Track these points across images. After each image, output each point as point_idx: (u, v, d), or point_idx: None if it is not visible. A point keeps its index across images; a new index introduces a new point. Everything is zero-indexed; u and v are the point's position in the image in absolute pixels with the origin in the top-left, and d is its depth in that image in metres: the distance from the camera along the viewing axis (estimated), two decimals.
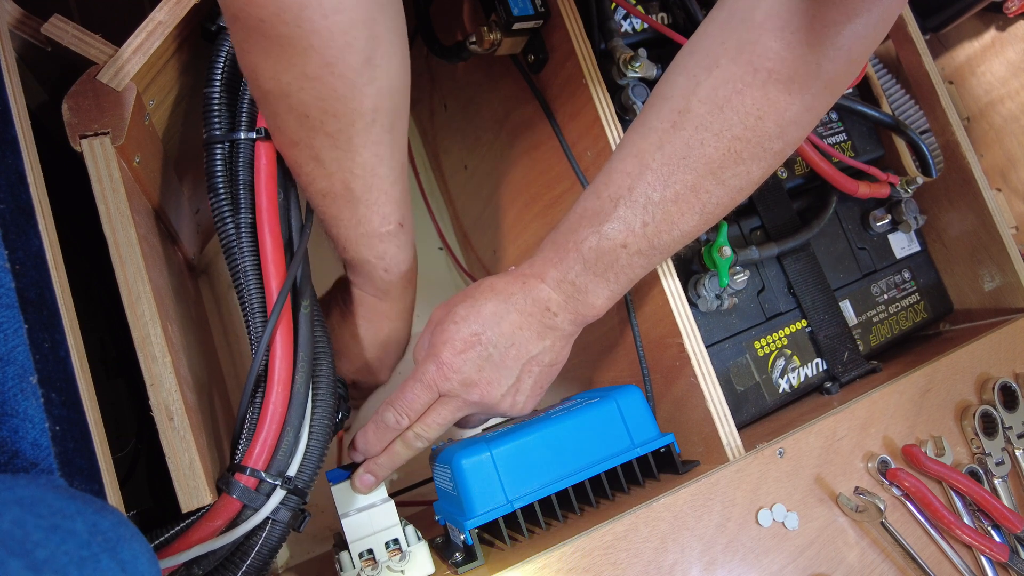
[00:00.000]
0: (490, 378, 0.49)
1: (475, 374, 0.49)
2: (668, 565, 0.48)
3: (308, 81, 0.41)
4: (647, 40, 0.63)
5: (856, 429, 0.56)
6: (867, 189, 0.69)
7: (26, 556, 0.23)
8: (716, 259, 0.57)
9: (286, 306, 0.46)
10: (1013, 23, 0.95)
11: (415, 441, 0.51)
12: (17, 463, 0.32)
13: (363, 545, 0.50)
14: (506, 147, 0.72)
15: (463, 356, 0.49)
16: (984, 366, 0.64)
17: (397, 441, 0.51)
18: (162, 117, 0.53)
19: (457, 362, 0.49)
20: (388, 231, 0.50)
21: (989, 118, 0.97)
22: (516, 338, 0.49)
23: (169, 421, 0.41)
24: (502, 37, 0.59)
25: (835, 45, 0.43)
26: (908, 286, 0.74)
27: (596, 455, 0.52)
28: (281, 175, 0.49)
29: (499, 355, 0.49)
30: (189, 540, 0.41)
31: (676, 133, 0.46)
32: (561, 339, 0.51)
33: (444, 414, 0.50)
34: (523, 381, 0.51)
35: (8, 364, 0.33)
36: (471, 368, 0.49)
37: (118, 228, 0.43)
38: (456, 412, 0.50)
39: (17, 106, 0.40)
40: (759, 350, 0.63)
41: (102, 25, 0.47)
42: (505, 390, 0.50)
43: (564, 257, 0.49)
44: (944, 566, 0.55)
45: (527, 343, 0.50)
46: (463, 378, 0.49)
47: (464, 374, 0.49)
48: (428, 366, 0.49)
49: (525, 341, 0.49)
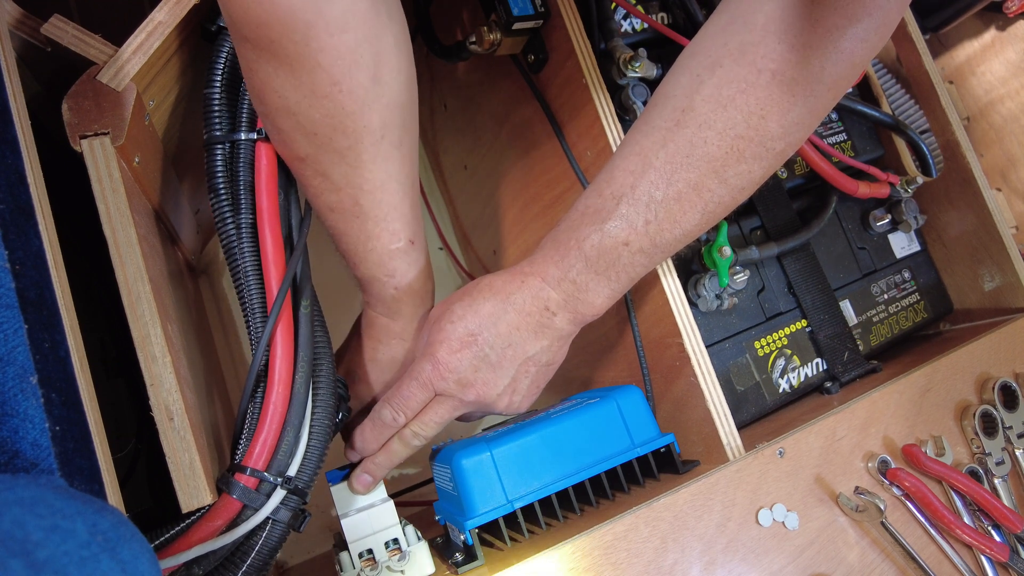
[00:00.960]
0: (486, 378, 0.49)
1: (471, 374, 0.49)
2: (668, 565, 0.48)
3: (317, 99, 0.42)
4: (647, 40, 0.63)
5: (856, 429, 0.56)
6: (867, 189, 0.69)
7: (26, 556, 0.23)
8: (716, 259, 0.57)
9: (286, 303, 0.46)
10: (1013, 23, 0.95)
11: (412, 439, 0.51)
12: (17, 463, 0.32)
13: (363, 545, 0.50)
14: (506, 147, 0.72)
15: (459, 356, 0.48)
16: (984, 366, 0.64)
17: (395, 440, 0.51)
18: (162, 117, 0.53)
19: (453, 361, 0.48)
20: (398, 248, 0.50)
21: (989, 118, 0.97)
22: (513, 338, 0.49)
23: (169, 421, 0.41)
24: (502, 37, 0.59)
25: (837, 49, 0.43)
26: (908, 286, 0.74)
27: (596, 455, 0.52)
28: (281, 176, 0.49)
29: (496, 355, 0.49)
30: (189, 540, 0.41)
31: (679, 131, 0.46)
32: (559, 339, 0.51)
33: (441, 413, 0.50)
34: (519, 381, 0.51)
35: (8, 364, 0.33)
36: (467, 368, 0.49)
37: (118, 228, 0.43)
38: (453, 411, 0.50)
39: (17, 106, 0.40)
40: (759, 350, 0.63)
41: (102, 25, 0.47)
42: (501, 390, 0.50)
43: (565, 255, 0.49)
44: (944, 566, 0.55)
45: (524, 343, 0.49)
46: (459, 378, 0.49)
47: (460, 374, 0.49)
48: (424, 364, 0.49)
49: (522, 341, 0.49)
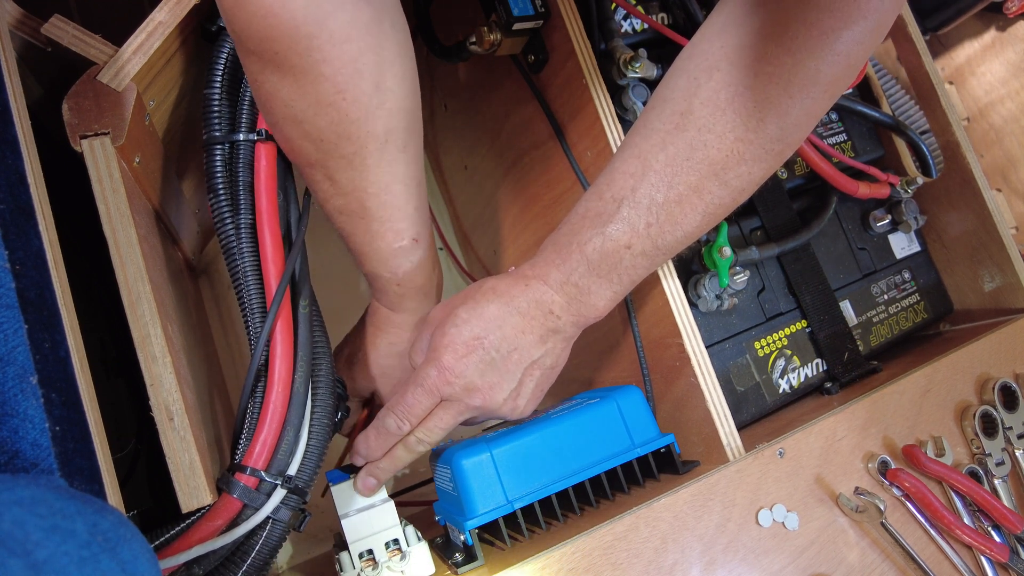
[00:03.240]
0: (492, 382, 0.49)
1: (478, 379, 0.49)
2: (668, 565, 0.48)
3: (322, 108, 0.43)
4: (647, 40, 0.63)
5: (856, 429, 0.56)
6: (867, 189, 0.69)
7: (26, 556, 0.23)
8: (716, 259, 0.57)
9: (285, 299, 0.46)
10: (1013, 23, 0.95)
11: (416, 446, 0.51)
12: (17, 463, 0.32)
13: (363, 545, 0.50)
14: (506, 147, 0.72)
15: (465, 361, 0.48)
16: (984, 366, 0.64)
17: (399, 446, 0.51)
18: (162, 117, 0.53)
19: (459, 367, 0.48)
20: (401, 247, 0.51)
21: (989, 118, 0.97)
22: (519, 342, 0.49)
23: (169, 421, 0.41)
24: (502, 37, 0.59)
25: (834, 51, 0.43)
26: (908, 286, 0.74)
27: (596, 455, 0.52)
28: (281, 176, 0.49)
29: (501, 359, 0.49)
30: (189, 540, 0.41)
31: (679, 135, 0.46)
32: (562, 342, 0.51)
33: (446, 419, 0.50)
34: (524, 385, 0.50)
35: (8, 364, 0.33)
36: (474, 373, 0.48)
37: (118, 228, 0.43)
38: (458, 416, 0.50)
39: (17, 106, 0.40)
40: (759, 350, 0.63)
41: (102, 25, 0.47)
42: (507, 394, 0.50)
43: (567, 258, 0.49)
44: (944, 566, 0.55)
45: (529, 347, 0.49)
46: (465, 383, 0.48)
47: (467, 379, 0.48)
48: (429, 370, 0.49)
49: (528, 345, 0.49)
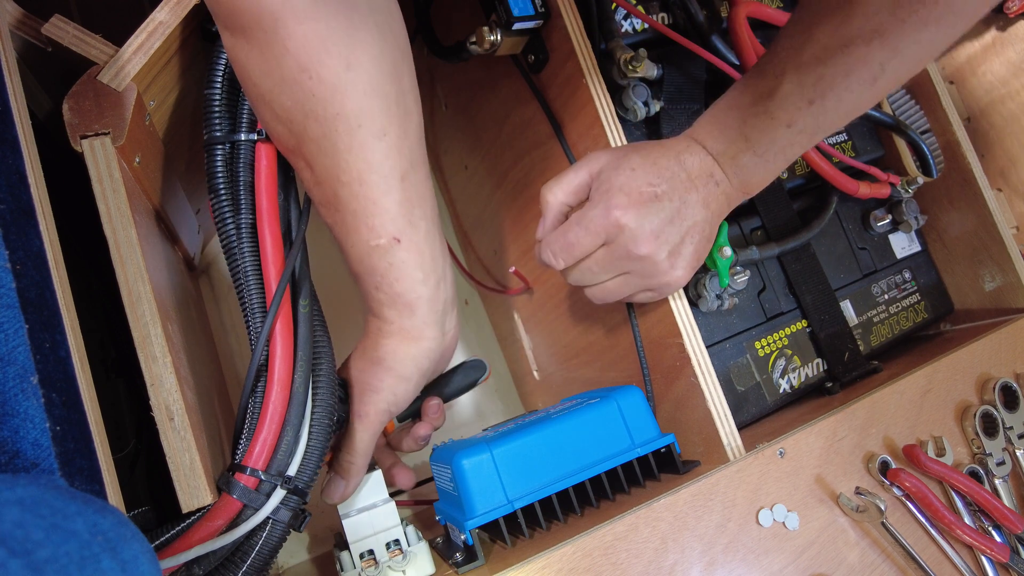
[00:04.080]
0: (659, 232, 0.46)
1: (648, 226, 0.46)
2: (668, 565, 0.48)
3: (286, 85, 0.41)
4: (647, 40, 0.63)
5: (856, 429, 0.56)
6: (867, 189, 0.69)
7: (27, 556, 0.23)
8: (716, 259, 0.57)
9: (285, 298, 0.46)
10: (1013, 23, 0.95)
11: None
12: (18, 463, 0.32)
13: (364, 545, 0.50)
14: (506, 147, 0.72)
15: (638, 208, 0.46)
16: (985, 366, 0.64)
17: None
18: (162, 117, 0.53)
19: (631, 212, 0.46)
20: (378, 245, 0.46)
21: (989, 118, 0.97)
22: (687, 200, 0.47)
23: (169, 421, 0.41)
24: (502, 37, 0.59)
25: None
26: (909, 286, 0.74)
27: (596, 455, 0.52)
28: (281, 176, 0.49)
29: (670, 213, 0.46)
30: (189, 540, 0.41)
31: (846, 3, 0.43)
32: (717, 213, 0.49)
33: (605, 263, 0.48)
34: (685, 245, 0.48)
35: (9, 364, 0.33)
36: (644, 219, 0.46)
37: (118, 228, 0.43)
38: (617, 264, 0.48)
39: (17, 106, 0.40)
40: (760, 350, 0.63)
41: (102, 25, 0.47)
42: (670, 250, 0.48)
43: (725, 130, 0.47)
44: (945, 566, 0.55)
45: (695, 207, 0.47)
46: (635, 229, 0.46)
47: (637, 225, 0.46)
48: (595, 211, 0.46)
49: (694, 204, 0.47)
